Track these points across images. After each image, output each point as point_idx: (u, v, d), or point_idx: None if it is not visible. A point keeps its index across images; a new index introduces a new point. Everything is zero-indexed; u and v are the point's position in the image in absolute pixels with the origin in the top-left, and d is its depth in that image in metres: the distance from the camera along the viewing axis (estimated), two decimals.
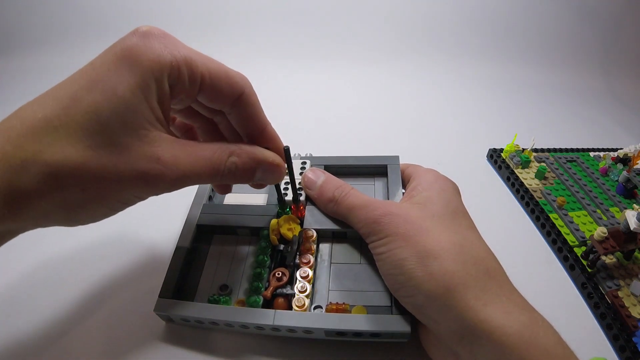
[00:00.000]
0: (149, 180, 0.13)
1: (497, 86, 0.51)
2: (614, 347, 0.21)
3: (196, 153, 0.14)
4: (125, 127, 0.12)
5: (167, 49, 0.13)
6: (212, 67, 0.15)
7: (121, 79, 0.12)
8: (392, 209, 0.17)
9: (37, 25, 0.54)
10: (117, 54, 0.13)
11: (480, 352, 0.14)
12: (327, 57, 0.54)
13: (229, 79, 0.15)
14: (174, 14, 0.55)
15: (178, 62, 0.13)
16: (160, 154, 0.13)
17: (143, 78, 0.13)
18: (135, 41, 0.13)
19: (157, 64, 0.13)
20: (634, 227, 0.23)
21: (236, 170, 0.15)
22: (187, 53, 0.14)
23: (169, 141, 0.13)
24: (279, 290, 0.19)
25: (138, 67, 0.13)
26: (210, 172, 0.14)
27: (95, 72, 0.13)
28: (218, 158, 0.14)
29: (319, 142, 0.36)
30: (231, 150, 0.15)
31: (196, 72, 0.14)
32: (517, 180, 0.32)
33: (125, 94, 0.12)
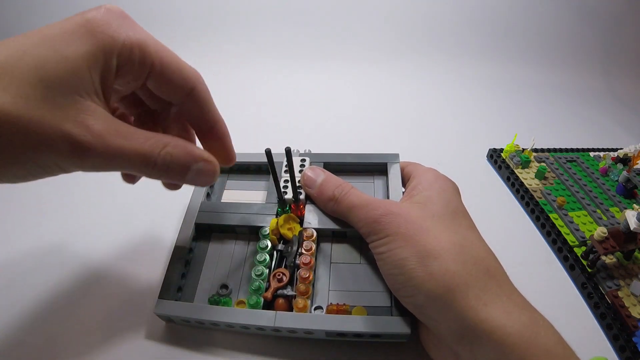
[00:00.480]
0: (74, 146, 0.12)
1: (497, 86, 0.51)
2: (614, 347, 0.21)
3: (130, 134, 0.13)
4: (63, 87, 0.12)
5: (123, 29, 0.13)
6: (165, 57, 0.15)
7: (72, 44, 0.12)
8: (393, 209, 0.17)
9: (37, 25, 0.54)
10: (76, 22, 0.13)
11: (481, 352, 0.14)
12: (327, 57, 0.54)
13: (181, 72, 0.15)
14: (174, 14, 0.55)
15: (131, 43, 0.13)
16: (91, 123, 0.12)
17: (93, 49, 0.13)
18: (95, 14, 0.13)
19: (110, 40, 0.13)
20: (634, 227, 0.23)
21: (170, 163, 0.14)
22: (142, 37, 0.14)
23: (103, 115, 0.13)
24: (280, 291, 0.19)
25: (91, 39, 0.13)
26: (141, 159, 0.13)
27: (50, 32, 0.13)
28: (152, 145, 0.14)
29: (319, 142, 0.36)
30: (166, 142, 0.14)
31: (147, 57, 0.14)
32: (517, 180, 0.32)
33: (71, 57, 0.12)
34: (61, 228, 0.26)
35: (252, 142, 0.36)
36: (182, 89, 0.16)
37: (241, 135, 0.38)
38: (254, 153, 0.25)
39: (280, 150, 0.21)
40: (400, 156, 0.23)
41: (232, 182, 0.25)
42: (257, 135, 0.37)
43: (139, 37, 0.14)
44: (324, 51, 0.55)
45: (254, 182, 0.25)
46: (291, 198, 0.21)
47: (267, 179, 0.25)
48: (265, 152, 0.18)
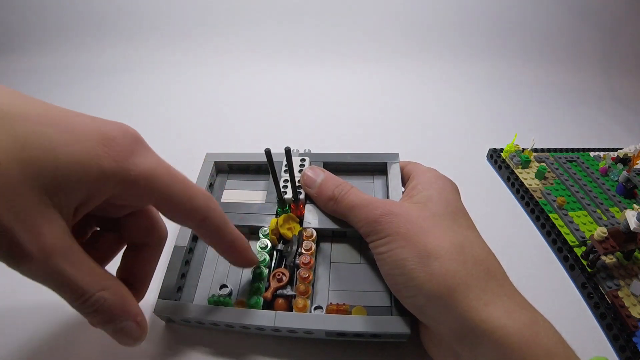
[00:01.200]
0: (12, 249, 0.10)
1: (498, 86, 0.51)
2: (614, 347, 0.21)
3: (76, 262, 0.12)
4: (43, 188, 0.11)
5: (134, 157, 0.13)
6: (175, 189, 0.14)
7: (81, 155, 0.11)
8: (393, 209, 0.17)
9: (37, 25, 0.54)
10: (92, 132, 0.12)
11: (481, 352, 0.14)
12: (327, 57, 0.54)
13: (192, 203, 0.14)
14: (174, 14, 0.55)
15: (138, 174, 0.13)
16: (43, 233, 0.11)
17: (94, 171, 0.12)
18: (113, 136, 0.12)
19: (117, 168, 0.12)
20: (634, 227, 0.23)
21: (99, 308, 0.12)
22: (151, 167, 0.13)
23: (61, 230, 0.11)
24: (280, 291, 0.19)
25: (99, 160, 0.12)
26: (73, 291, 0.12)
27: (69, 124, 0.12)
28: (90, 283, 0.12)
29: (319, 141, 0.36)
30: (107, 285, 0.13)
31: (153, 190, 0.13)
32: (517, 180, 0.32)
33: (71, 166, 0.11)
34: None
35: (252, 142, 0.36)
36: (193, 218, 0.15)
37: (241, 135, 0.38)
38: (253, 153, 0.25)
39: (280, 150, 0.21)
40: (400, 156, 0.23)
41: (232, 182, 0.25)
42: (256, 135, 0.37)
43: (147, 168, 0.13)
44: (324, 51, 0.55)
45: (254, 181, 0.25)
46: (291, 198, 0.21)
47: (267, 178, 0.24)
48: (265, 152, 0.18)
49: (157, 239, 0.17)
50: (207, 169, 0.24)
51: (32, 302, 0.21)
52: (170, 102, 0.43)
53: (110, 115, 0.47)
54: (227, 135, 0.37)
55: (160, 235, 0.17)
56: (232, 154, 0.25)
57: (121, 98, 0.44)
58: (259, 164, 0.25)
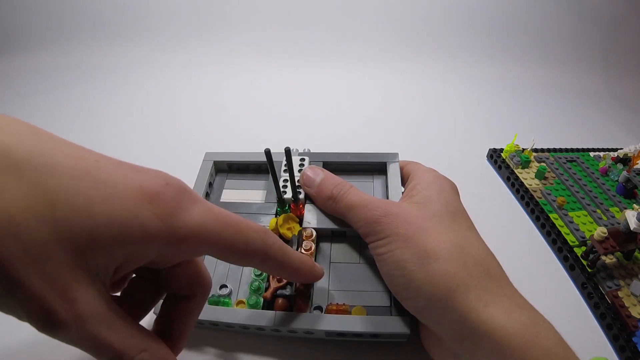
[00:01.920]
0: (46, 318, 0.10)
1: (498, 86, 0.51)
2: (614, 347, 0.21)
3: (113, 324, 0.11)
4: (75, 251, 0.10)
5: (183, 213, 0.11)
6: (228, 239, 0.12)
7: (127, 212, 0.10)
8: (392, 209, 0.17)
9: (37, 25, 0.54)
10: (136, 192, 0.11)
11: (482, 353, 0.14)
12: (327, 57, 0.54)
13: (248, 246, 0.13)
14: (174, 15, 0.55)
15: (185, 233, 0.11)
16: (77, 298, 0.10)
17: (138, 233, 0.11)
18: (161, 192, 0.11)
19: (164, 228, 0.11)
20: (634, 227, 0.23)
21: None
22: (201, 222, 0.12)
23: (95, 294, 0.10)
24: (279, 291, 0.18)
25: (144, 219, 0.11)
26: (111, 356, 0.11)
27: (108, 174, 0.11)
28: (129, 346, 0.11)
29: (319, 141, 0.36)
30: (146, 346, 0.12)
31: (202, 246, 0.12)
32: (517, 180, 0.32)
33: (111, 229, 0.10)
34: None
35: (252, 142, 0.36)
36: (252, 260, 0.14)
37: (240, 134, 0.38)
38: (253, 152, 0.25)
39: (279, 149, 0.21)
40: (400, 155, 0.23)
41: (232, 182, 0.25)
42: (256, 135, 0.37)
43: (196, 224, 0.12)
44: (323, 51, 0.54)
45: (253, 181, 0.25)
46: (290, 198, 0.21)
47: (267, 178, 0.24)
48: (265, 152, 0.18)
49: (201, 291, 0.15)
50: (207, 168, 0.24)
51: None
52: (170, 101, 0.43)
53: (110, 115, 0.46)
54: (226, 135, 0.37)
55: (205, 286, 0.15)
56: (231, 154, 0.25)
57: (121, 98, 0.44)
58: (259, 163, 0.25)
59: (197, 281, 0.15)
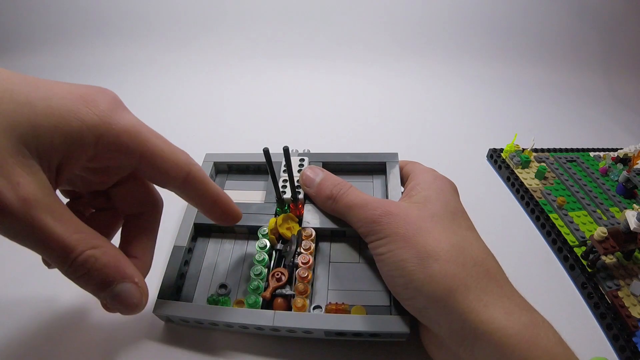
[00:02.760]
0: None
1: (497, 86, 0.51)
2: (614, 347, 0.21)
3: (61, 216, 0.11)
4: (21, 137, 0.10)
5: (114, 113, 0.12)
6: (157, 146, 0.13)
7: (61, 106, 0.11)
8: (392, 209, 0.17)
9: (37, 25, 0.54)
10: (72, 92, 0.12)
11: (481, 353, 0.14)
12: (326, 57, 0.54)
13: (174, 159, 0.14)
14: (174, 16, 0.55)
15: (119, 129, 0.12)
16: (22, 182, 0.10)
17: (77, 124, 0.11)
18: (90, 93, 0.12)
19: (98, 121, 0.12)
20: (634, 227, 0.23)
21: (91, 268, 0.11)
22: (133, 124, 0.13)
23: (42, 184, 0.11)
24: (279, 290, 0.18)
25: (79, 114, 0.11)
26: (59, 249, 0.11)
27: (46, 84, 0.12)
28: (79, 240, 0.11)
29: (318, 141, 0.36)
30: (97, 243, 0.12)
31: (136, 146, 0.13)
32: (517, 180, 0.32)
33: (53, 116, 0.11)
34: None
35: (251, 142, 0.36)
36: (178, 174, 0.14)
37: (240, 135, 0.38)
38: (252, 153, 0.25)
39: (278, 150, 0.21)
40: (399, 155, 0.23)
41: (231, 182, 0.25)
42: (256, 136, 0.37)
43: (129, 124, 0.13)
44: (323, 51, 0.55)
45: (253, 181, 0.25)
46: (290, 198, 0.21)
47: (266, 178, 0.24)
48: (263, 151, 0.18)
49: (152, 205, 0.16)
50: (207, 169, 0.24)
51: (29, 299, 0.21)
52: (169, 102, 0.43)
53: None
54: (226, 136, 0.37)
55: (155, 200, 0.16)
56: (231, 155, 0.25)
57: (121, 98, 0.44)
58: (258, 164, 0.25)
59: (145, 197, 0.15)
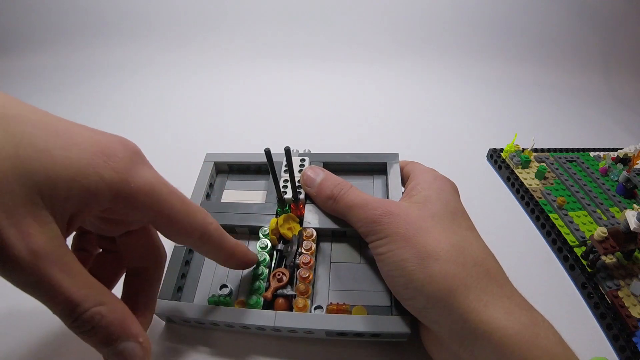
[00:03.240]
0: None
1: (497, 86, 0.51)
2: (614, 347, 0.21)
3: (70, 270, 0.11)
4: (39, 189, 0.10)
5: (134, 170, 0.12)
6: (174, 205, 0.13)
7: (80, 160, 0.11)
8: (392, 209, 0.17)
9: (37, 25, 0.54)
10: (93, 143, 0.12)
11: (481, 353, 0.14)
12: (327, 57, 0.54)
13: (190, 219, 0.14)
14: (174, 16, 0.55)
15: (138, 188, 0.12)
16: (32, 234, 0.10)
17: (95, 179, 0.11)
18: (113, 148, 0.12)
19: (117, 179, 0.11)
20: (634, 227, 0.23)
21: (97, 325, 0.11)
22: (151, 182, 0.12)
23: (53, 235, 0.11)
24: (280, 291, 0.18)
25: (98, 169, 0.11)
26: (65, 305, 0.11)
27: (68, 130, 0.11)
28: (85, 296, 0.11)
29: (319, 142, 0.36)
30: (103, 300, 0.11)
31: (153, 205, 0.13)
32: (517, 180, 0.32)
33: (70, 169, 0.11)
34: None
35: (252, 142, 0.36)
36: (192, 235, 0.14)
37: (241, 135, 0.38)
38: (253, 153, 0.25)
39: (280, 150, 0.21)
40: (400, 156, 0.23)
41: (232, 182, 0.25)
42: (256, 136, 0.37)
43: (147, 182, 0.12)
44: (323, 51, 0.54)
45: (254, 182, 0.25)
46: (291, 198, 0.21)
47: (267, 178, 0.24)
48: (265, 152, 0.18)
49: (156, 260, 0.16)
50: (207, 169, 0.24)
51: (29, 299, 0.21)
52: (170, 102, 0.43)
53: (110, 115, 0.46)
54: (227, 136, 0.37)
55: (159, 255, 0.16)
56: (232, 155, 0.25)
57: (121, 99, 0.44)
58: (259, 164, 0.25)
59: (150, 251, 0.15)
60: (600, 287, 0.23)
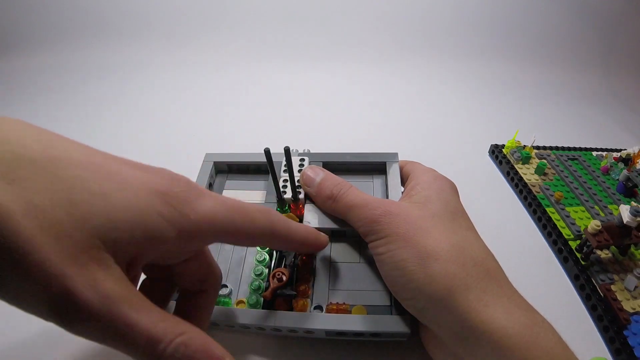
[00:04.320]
0: (65, 301, 0.09)
1: (500, 84, 0.49)
2: (604, 338, 0.21)
3: (143, 307, 0.10)
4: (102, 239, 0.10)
5: (195, 204, 0.11)
6: (237, 223, 0.13)
7: (144, 207, 0.10)
8: (392, 209, 0.17)
9: (37, 25, 0.52)
10: (148, 189, 0.11)
11: (481, 354, 0.14)
12: (326, 56, 0.52)
13: (255, 225, 0.13)
14: (174, 15, 0.53)
15: (199, 222, 0.11)
16: (100, 279, 0.09)
17: (158, 222, 0.10)
18: (168, 188, 0.11)
19: (179, 218, 0.11)
20: (627, 221, 0.22)
21: (182, 358, 0.10)
22: (212, 213, 0.12)
23: (118, 276, 0.10)
24: (280, 291, 0.18)
25: (161, 210, 0.11)
26: (146, 342, 0.10)
27: (118, 171, 0.11)
28: (165, 329, 0.10)
29: (318, 141, 0.35)
30: (183, 329, 0.11)
31: (215, 235, 0.12)
32: (517, 175, 0.31)
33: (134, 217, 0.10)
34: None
35: (251, 142, 0.35)
36: (261, 239, 0.14)
37: (240, 135, 0.37)
38: (253, 153, 0.24)
39: (279, 150, 0.20)
40: (405, 152, 0.22)
41: (232, 182, 0.24)
42: (256, 135, 0.36)
43: (207, 211, 0.12)
44: (323, 50, 0.52)
45: (253, 181, 0.24)
46: (290, 198, 0.21)
47: (266, 178, 0.24)
48: (265, 152, 0.18)
49: (213, 284, 0.15)
50: (207, 169, 0.23)
51: None
52: (170, 102, 0.42)
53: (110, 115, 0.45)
54: (226, 136, 0.36)
55: (216, 278, 0.15)
56: (231, 154, 0.24)
57: (122, 99, 0.42)
58: (258, 164, 0.24)
59: (207, 275, 0.15)
60: (593, 280, 0.23)
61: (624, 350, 0.19)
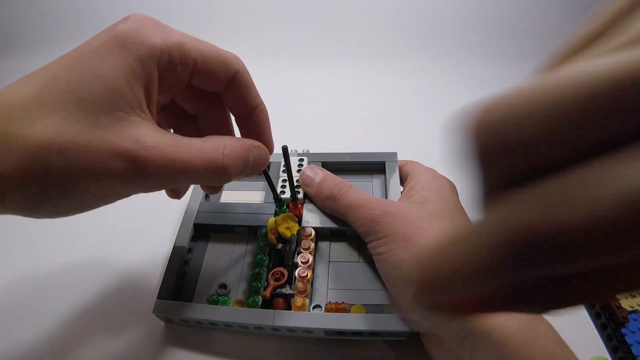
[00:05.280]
0: (130, 163, 0.11)
1: (500, 84, 0.48)
2: (602, 335, 0.20)
3: (184, 144, 0.12)
4: (102, 107, 0.11)
5: (156, 34, 0.12)
6: (205, 50, 0.13)
7: (104, 61, 0.11)
8: (391, 209, 0.16)
9: (37, 25, 0.51)
10: (105, 38, 0.12)
11: (481, 353, 0.13)
12: (325, 56, 0.52)
13: (223, 59, 0.14)
14: (174, 15, 0.52)
15: (169, 46, 0.12)
16: (141, 136, 0.11)
17: (129, 62, 0.11)
18: (123, 27, 0.12)
19: (145, 49, 0.12)
20: None
21: (233, 161, 0.13)
22: (179, 38, 0.13)
23: (152, 128, 0.12)
24: (278, 290, 0.17)
25: (124, 52, 0.11)
26: (205, 166, 0.12)
27: (78, 54, 0.12)
28: (211, 149, 0.12)
29: (317, 141, 0.35)
30: (222, 143, 0.13)
31: (188, 56, 0.13)
32: None
33: (105, 75, 0.11)
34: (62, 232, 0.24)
35: None
36: (227, 74, 0.14)
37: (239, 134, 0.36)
38: None
39: (277, 149, 0.20)
40: (403, 153, 0.22)
41: (231, 183, 0.23)
42: None
43: (176, 39, 0.13)
44: (322, 50, 0.52)
45: (252, 182, 0.23)
46: (289, 197, 0.20)
47: None
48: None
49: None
50: None
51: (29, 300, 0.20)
52: None
53: None
54: None
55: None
56: None
57: None
58: None
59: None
60: None
61: (622, 348, 0.19)
